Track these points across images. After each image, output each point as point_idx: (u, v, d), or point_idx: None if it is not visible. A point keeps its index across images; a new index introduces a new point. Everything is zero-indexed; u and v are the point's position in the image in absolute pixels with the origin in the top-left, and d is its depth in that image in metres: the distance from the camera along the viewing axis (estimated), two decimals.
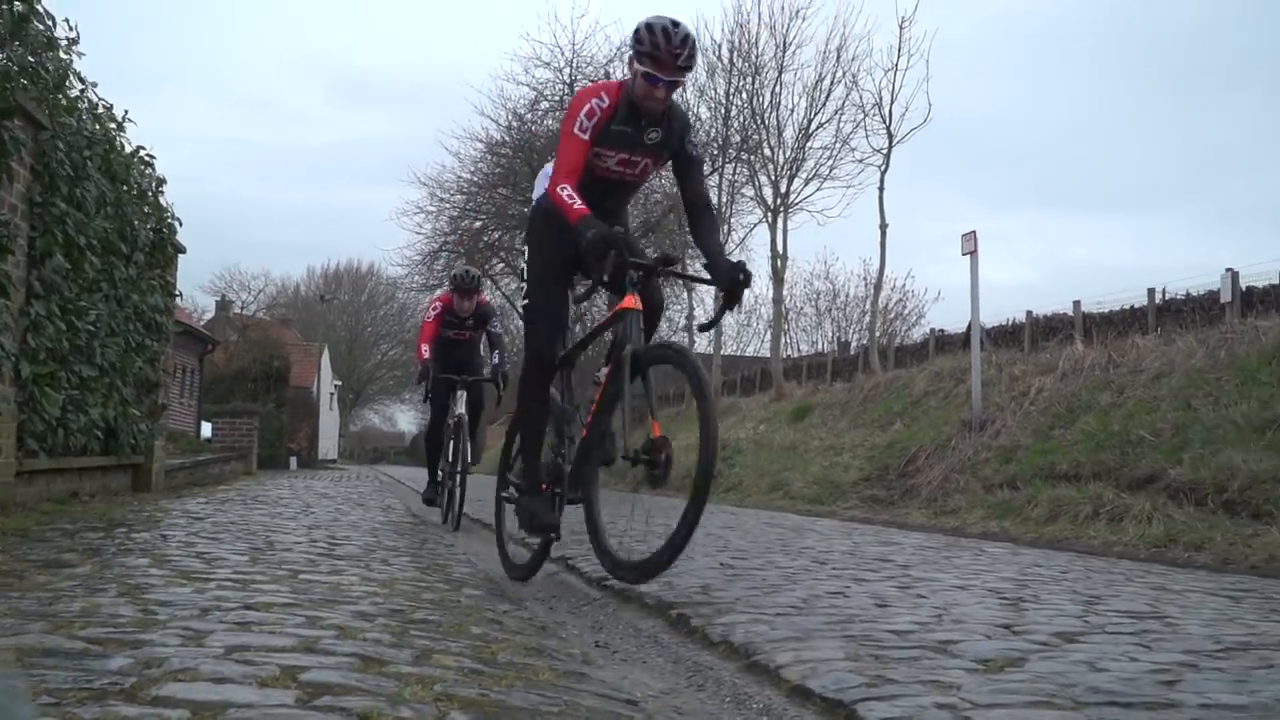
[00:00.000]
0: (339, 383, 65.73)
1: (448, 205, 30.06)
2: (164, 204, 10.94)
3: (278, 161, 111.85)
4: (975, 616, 3.79)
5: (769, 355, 30.37)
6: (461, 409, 8.90)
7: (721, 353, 30.35)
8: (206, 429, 24.57)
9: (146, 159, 10.32)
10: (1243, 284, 15.92)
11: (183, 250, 11.78)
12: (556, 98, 27.62)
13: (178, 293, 12.11)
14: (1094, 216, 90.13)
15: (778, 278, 25.28)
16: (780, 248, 25.07)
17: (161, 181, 10.76)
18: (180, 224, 11.34)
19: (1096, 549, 7.44)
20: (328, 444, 52.80)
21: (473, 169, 29.39)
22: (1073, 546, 7.62)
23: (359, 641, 2.68)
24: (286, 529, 6.61)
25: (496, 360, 9.41)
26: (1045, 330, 19.19)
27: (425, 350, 9.20)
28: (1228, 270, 15.85)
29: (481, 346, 9.80)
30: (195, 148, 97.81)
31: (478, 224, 30.26)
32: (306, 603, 3.34)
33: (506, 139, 28.59)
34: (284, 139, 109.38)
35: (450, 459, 8.98)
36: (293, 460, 30.98)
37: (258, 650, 2.49)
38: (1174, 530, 7.59)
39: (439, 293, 11.24)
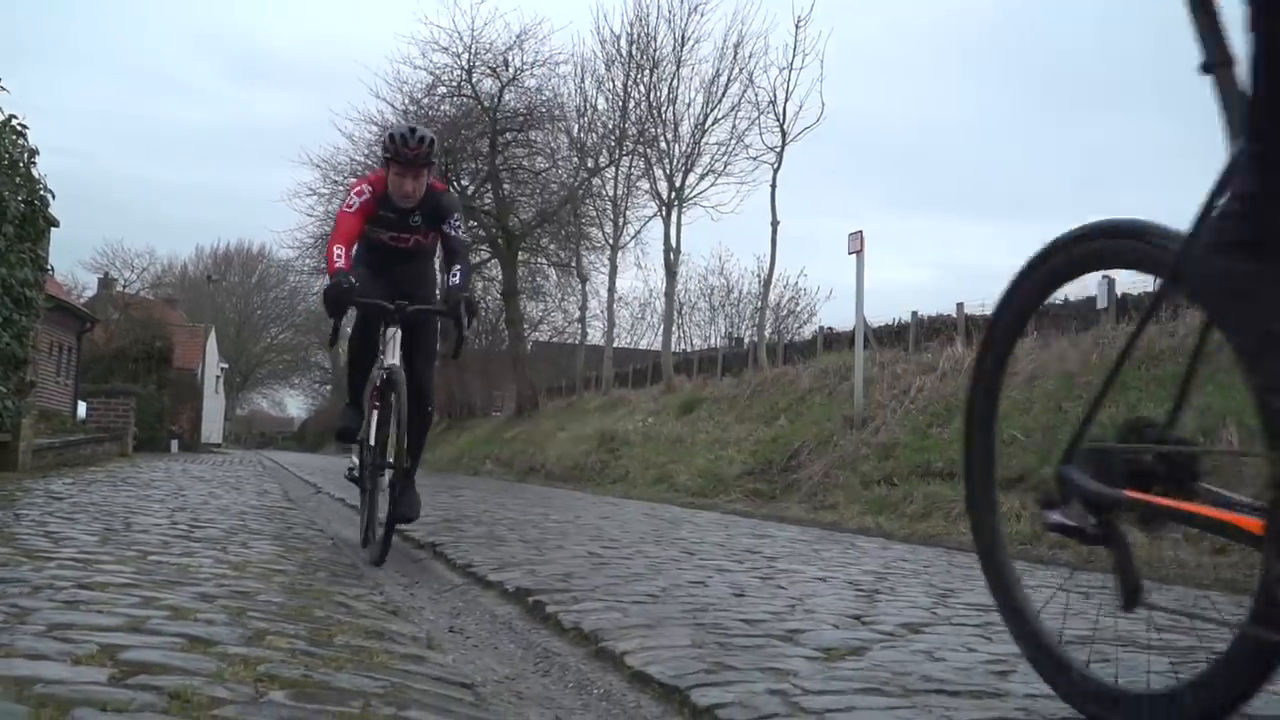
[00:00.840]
0: (225, 365, 64.39)
1: (341, 188, 29.60)
2: (36, 176, 10.58)
3: (169, 138, 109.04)
4: (828, 607, 3.84)
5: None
6: (395, 358, 5.33)
7: (614, 345, 30.36)
8: (82, 409, 23.91)
9: (18, 129, 9.99)
10: (1119, 291, 16.38)
11: (55, 224, 11.41)
12: (454, 83, 27.42)
13: (49, 267, 11.75)
14: (987, 220, 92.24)
15: (670, 272, 25.36)
16: (674, 242, 25.16)
17: (34, 153, 10.41)
18: (54, 196, 10.99)
19: (966, 545, 7.58)
20: (212, 428, 51.72)
21: (366, 152, 29.01)
22: (943, 542, 7.77)
23: (190, 622, 2.62)
24: (149, 511, 6.45)
25: (455, 280, 5.52)
26: (929, 331, 19.53)
27: (339, 255, 5.37)
28: (1104, 277, 16.29)
29: (435, 262, 6.24)
30: (83, 121, 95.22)
31: None
32: (147, 583, 3.25)
33: (402, 123, 28.20)
34: (177, 116, 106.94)
35: (374, 443, 5.51)
36: (174, 443, 30.25)
37: (81, 629, 2.42)
38: (1041, 529, 7.76)
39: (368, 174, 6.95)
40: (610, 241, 28.51)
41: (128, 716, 1.75)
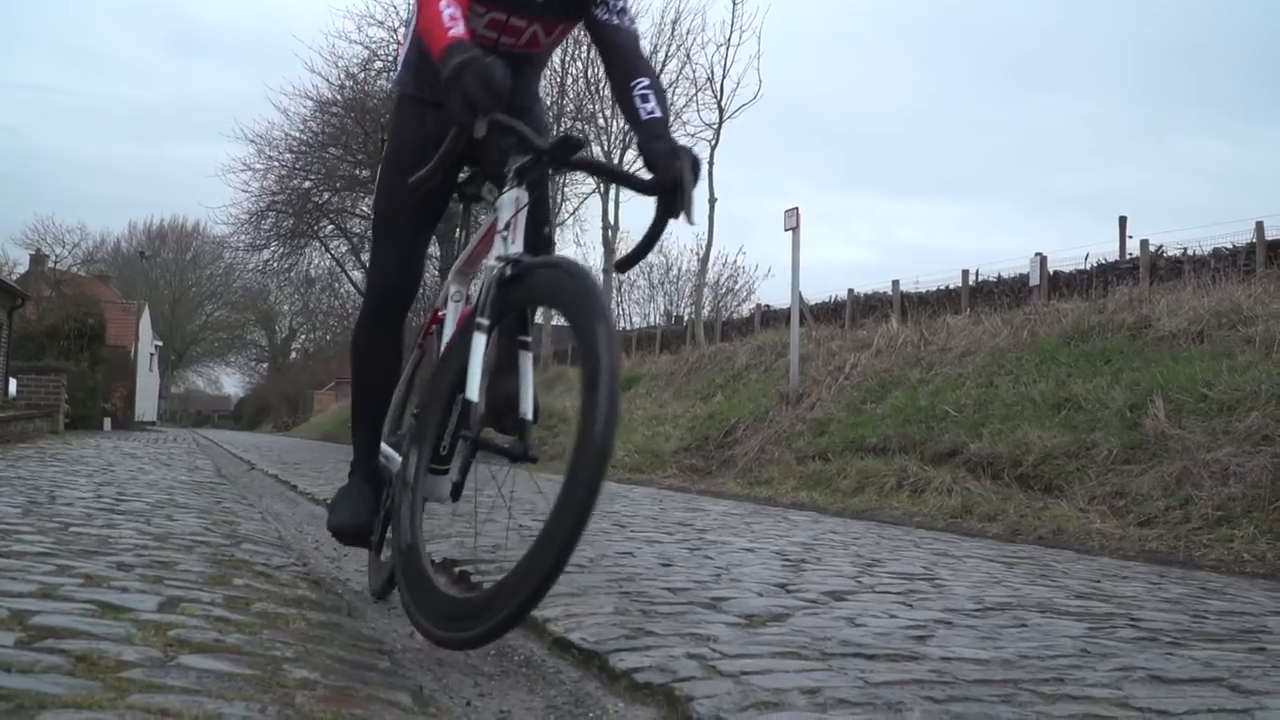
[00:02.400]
0: (160, 343, 63.45)
1: (276, 163, 29.31)
2: None
3: (101, 114, 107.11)
4: (754, 576, 3.86)
5: None
6: (519, 244, 2.71)
7: (553, 322, 30.28)
8: (13, 386, 23.44)
9: None
10: (1051, 268, 16.61)
11: None
12: (390, 58, 27.07)
13: None
14: (926, 200, 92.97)
15: (609, 249, 25.33)
16: (612, 219, 25.13)
17: None
18: None
19: (898, 519, 7.68)
20: (146, 406, 50.98)
21: (302, 127, 28.66)
22: (875, 516, 7.85)
23: (105, 589, 2.58)
24: (75, 485, 6.35)
25: (651, 108, 3.00)
26: (866, 308, 19.69)
27: (452, 17, 2.70)
28: (1037, 254, 16.53)
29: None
30: (12, 97, 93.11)
31: (307, 184, 29.53)
32: (65, 553, 3.19)
33: (338, 98, 27.94)
34: (109, 90, 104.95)
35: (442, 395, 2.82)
36: (107, 421, 29.78)
37: None
38: (970, 502, 7.88)
39: None
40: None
41: (33, 678, 1.72)
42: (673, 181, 2.76)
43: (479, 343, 2.55)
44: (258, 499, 7.20)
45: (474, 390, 2.51)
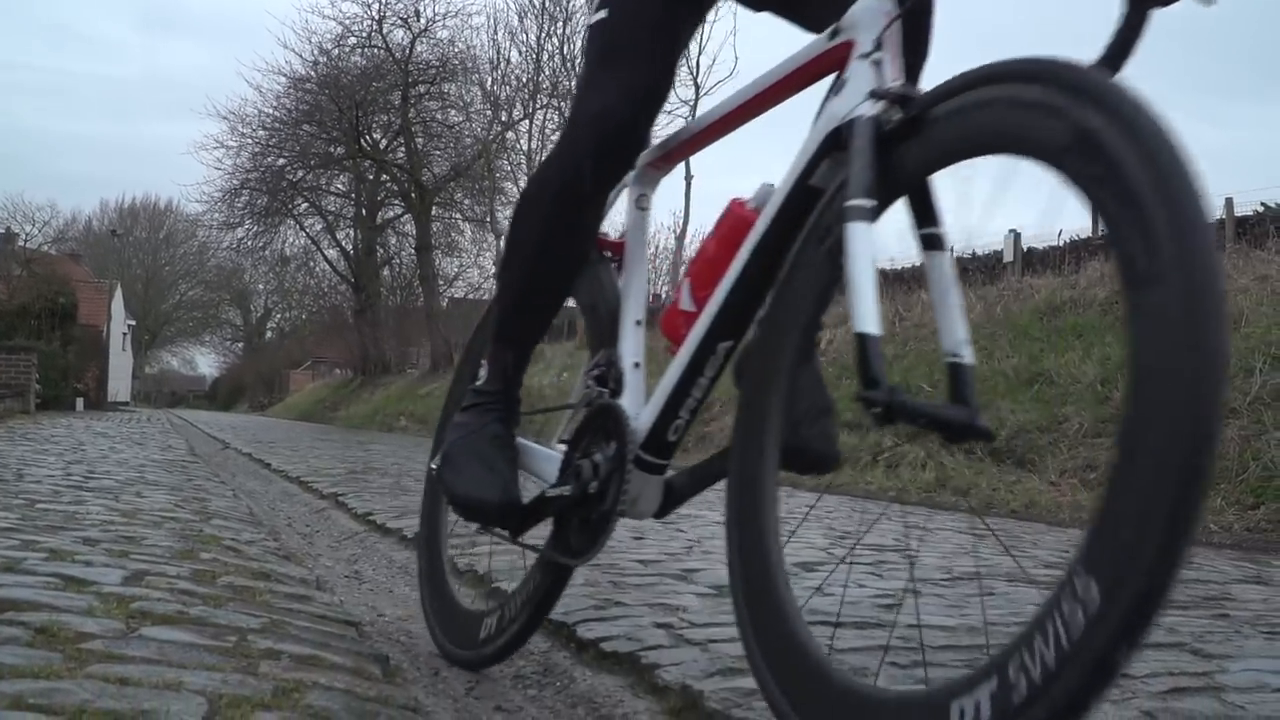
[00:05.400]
0: (133, 323, 63.05)
1: (249, 141, 29.14)
2: None
3: (71, 90, 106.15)
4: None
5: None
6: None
7: None
8: None
9: None
10: (1025, 245, 16.66)
11: None
12: (364, 33, 26.96)
13: None
14: None
15: None
16: None
17: None
18: None
19: (873, 493, 7.71)
20: (119, 386, 50.67)
21: (275, 104, 28.50)
22: (850, 491, 7.88)
23: (68, 563, 2.57)
24: (44, 463, 6.31)
25: None
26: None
27: None
28: (1011, 231, 16.56)
29: None
30: None
31: (281, 161, 29.36)
32: (30, 528, 3.18)
33: (312, 74, 27.77)
34: (80, 67, 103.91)
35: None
36: (79, 401, 29.57)
37: None
38: (944, 476, 7.92)
39: None
40: None
41: None
42: None
43: (860, 238, 1.43)
44: (230, 477, 7.18)
45: (871, 317, 1.41)
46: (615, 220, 2.31)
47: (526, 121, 27.72)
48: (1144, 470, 1.02)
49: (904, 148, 1.44)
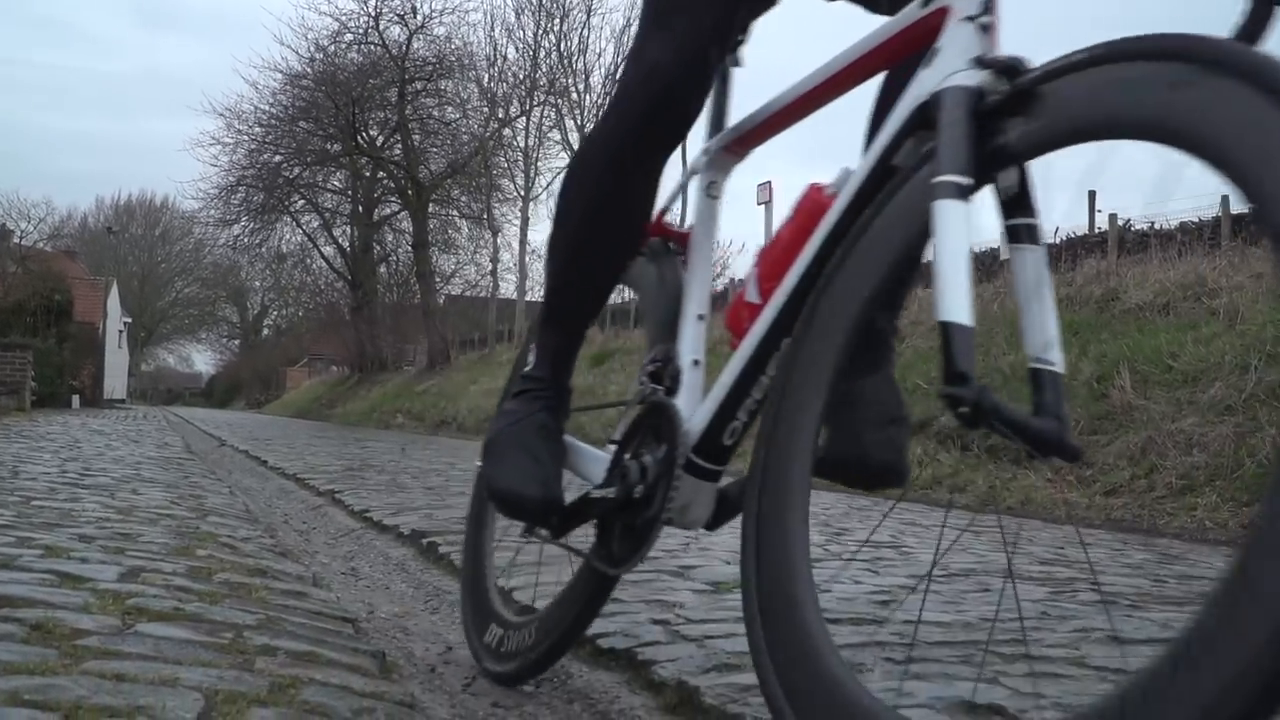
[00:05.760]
0: (129, 320, 62.99)
1: (246, 137, 29.12)
2: None
3: (67, 87, 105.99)
4: (723, 545, 3.87)
5: None
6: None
7: (527, 298, 30.25)
8: None
9: None
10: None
11: None
12: (360, 30, 26.93)
13: None
14: None
15: None
16: None
17: None
18: None
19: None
20: (116, 383, 50.60)
21: (271, 101, 28.49)
22: (847, 488, 7.88)
23: (64, 560, 2.57)
24: (40, 460, 6.30)
25: None
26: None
27: None
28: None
29: None
30: None
31: (277, 158, 29.34)
32: (25, 525, 3.17)
33: (308, 71, 27.75)
34: (77, 64, 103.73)
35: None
36: (75, 399, 29.56)
37: None
38: (941, 473, 7.93)
39: None
40: (522, 193, 28.41)
41: None
42: None
43: (951, 217, 1.27)
44: (227, 474, 7.17)
45: (962, 306, 1.27)
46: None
47: (523, 118, 27.77)
48: None
49: (1007, 125, 1.26)
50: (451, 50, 29.45)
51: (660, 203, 1.99)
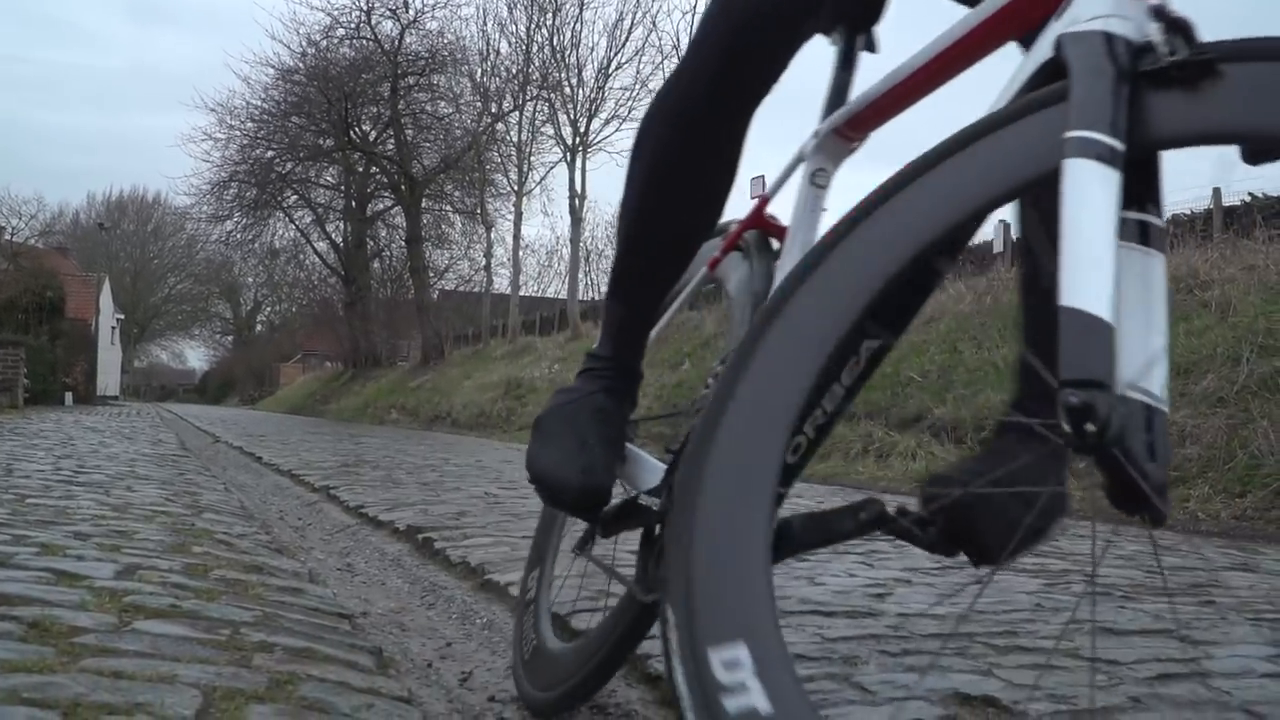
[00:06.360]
0: (121, 316, 62.86)
1: (238, 133, 29.07)
2: None
3: (59, 82, 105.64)
4: None
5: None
6: None
7: (521, 293, 30.22)
8: None
9: None
10: (1015, 235, 16.69)
11: None
12: (352, 24, 26.87)
13: None
14: (897, 167, 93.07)
15: (576, 218, 25.27)
16: (579, 188, 25.07)
17: None
18: None
19: (863, 483, 7.73)
20: (108, 380, 50.54)
21: (263, 96, 28.44)
22: (841, 481, 7.90)
23: (60, 557, 2.57)
24: (33, 458, 6.30)
25: None
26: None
27: None
28: (1000, 222, 16.59)
29: None
30: None
31: (269, 154, 29.29)
32: (20, 523, 3.18)
33: (300, 66, 27.70)
34: (67, 59, 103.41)
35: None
36: (68, 396, 29.51)
37: None
38: (935, 466, 7.95)
39: None
40: (515, 188, 28.32)
41: None
42: None
43: (1091, 181, 0.95)
44: (221, 471, 7.17)
45: (1099, 294, 0.91)
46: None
47: (516, 113, 27.69)
48: None
49: (1163, 97, 0.97)
50: (444, 45, 29.47)
51: (766, 191, 1.77)
